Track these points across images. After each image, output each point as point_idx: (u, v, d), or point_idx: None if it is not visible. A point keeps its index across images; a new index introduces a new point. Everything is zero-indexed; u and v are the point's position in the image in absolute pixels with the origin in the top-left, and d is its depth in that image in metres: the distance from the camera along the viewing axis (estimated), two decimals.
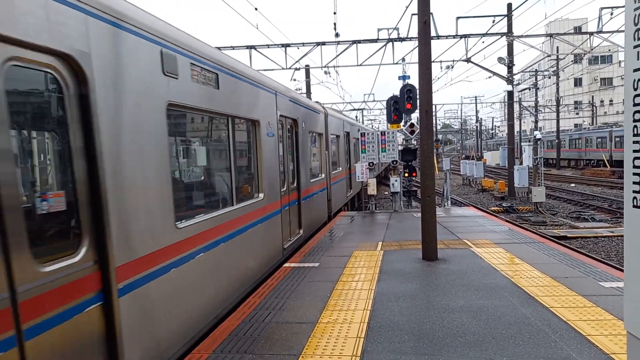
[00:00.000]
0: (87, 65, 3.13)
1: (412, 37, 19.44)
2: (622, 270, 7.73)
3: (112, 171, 3.35)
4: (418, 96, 7.59)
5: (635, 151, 2.00)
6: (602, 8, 19.05)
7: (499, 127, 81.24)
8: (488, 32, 19.89)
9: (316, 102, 13.70)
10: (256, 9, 15.97)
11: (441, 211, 12.97)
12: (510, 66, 21.53)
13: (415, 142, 15.35)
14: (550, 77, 41.31)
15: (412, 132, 14.21)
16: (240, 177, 6.43)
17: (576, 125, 58.77)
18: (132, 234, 3.58)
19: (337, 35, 19.64)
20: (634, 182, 2.01)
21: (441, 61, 22.73)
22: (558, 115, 44.08)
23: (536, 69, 38.95)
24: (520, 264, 6.88)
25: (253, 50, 19.86)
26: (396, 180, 13.82)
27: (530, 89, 38.80)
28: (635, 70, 1.98)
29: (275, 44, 19.83)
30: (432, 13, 8.31)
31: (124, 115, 3.55)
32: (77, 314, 3.00)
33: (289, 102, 8.87)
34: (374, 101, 44.99)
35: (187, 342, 4.45)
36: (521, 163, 22.01)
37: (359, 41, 19.99)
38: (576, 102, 62.55)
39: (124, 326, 3.38)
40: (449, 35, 19.37)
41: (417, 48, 7.54)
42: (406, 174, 15.13)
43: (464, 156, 62.22)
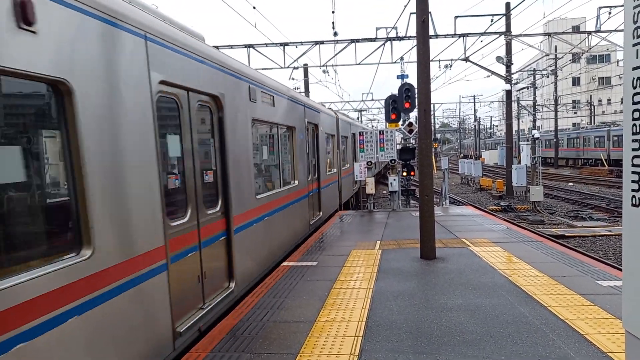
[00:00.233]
0: (223, 100, 5.55)
1: (411, 36, 19.44)
2: (620, 269, 7.76)
3: (233, 168, 5.75)
4: (416, 95, 7.58)
5: (634, 149, 1.98)
6: (600, 7, 19.07)
7: (497, 126, 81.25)
8: (486, 31, 19.90)
9: (329, 108, 15.60)
10: (254, 8, 15.91)
11: (439, 210, 12.98)
12: (508, 65, 21.54)
13: (413, 141, 15.36)
14: (548, 76, 41.39)
15: (411, 131, 14.20)
16: (284, 168, 8.79)
17: (574, 124, 58.79)
18: (240, 200, 6.00)
19: (336, 34, 19.60)
20: (633, 181, 1.99)
21: (440, 60, 22.84)
22: (556, 114, 44.18)
23: (534, 68, 39.04)
24: (518, 263, 6.89)
25: (251, 49, 19.84)
26: (394, 179, 13.82)
27: (528, 88, 38.86)
28: (634, 68, 1.97)
29: (273, 43, 19.80)
30: (431, 12, 8.30)
31: (238, 126, 6.08)
32: (217, 240, 5.38)
33: (312, 111, 11.28)
34: (372, 100, 44.82)
35: (260, 274, 6.81)
36: (519, 162, 22.05)
37: (358, 40, 19.99)
38: (574, 102, 62.65)
39: (235, 251, 5.74)
40: (448, 34, 19.39)
41: (416, 47, 7.54)
42: (404, 173, 15.15)
43: (462, 155, 62.28)
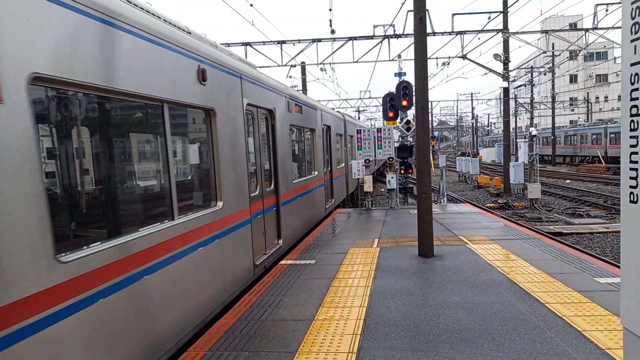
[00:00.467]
0: (275, 112, 7.77)
1: (408, 34, 19.44)
2: (618, 266, 7.77)
3: (280, 160, 7.97)
4: (414, 93, 7.57)
5: (632, 146, 1.97)
6: (598, 5, 19.09)
7: (495, 124, 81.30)
8: (484, 29, 19.92)
9: (338, 112, 17.69)
10: (251, 5, 15.87)
11: (437, 208, 12.98)
12: (506, 63, 21.53)
13: (411, 139, 15.35)
14: (545, 74, 41.43)
15: (408, 129, 14.20)
16: (309, 161, 11.18)
17: (571, 121, 58.90)
18: (284, 182, 8.17)
19: (333, 31, 19.56)
20: (631, 177, 1.99)
21: (437, 58, 22.70)
22: (553, 111, 44.25)
23: (532, 66, 39.04)
24: (515, 260, 6.90)
25: (248, 47, 19.80)
26: (392, 177, 13.82)
27: (525, 86, 38.87)
28: (632, 64, 1.96)
29: (271, 41, 19.76)
30: (428, 10, 8.32)
31: (282, 130, 8.24)
32: (272, 210, 7.56)
33: (326, 115, 13.39)
34: (370, 98, 44.88)
35: (294, 239, 9.02)
36: (517, 159, 22.08)
37: (355, 38, 19.98)
38: (571, 99, 62.76)
39: (282, 220, 7.99)
40: (445, 31, 19.40)
41: (413, 45, 7.53)
42: (402, 171, 15.15)
43: (460, 153, 62.29)
